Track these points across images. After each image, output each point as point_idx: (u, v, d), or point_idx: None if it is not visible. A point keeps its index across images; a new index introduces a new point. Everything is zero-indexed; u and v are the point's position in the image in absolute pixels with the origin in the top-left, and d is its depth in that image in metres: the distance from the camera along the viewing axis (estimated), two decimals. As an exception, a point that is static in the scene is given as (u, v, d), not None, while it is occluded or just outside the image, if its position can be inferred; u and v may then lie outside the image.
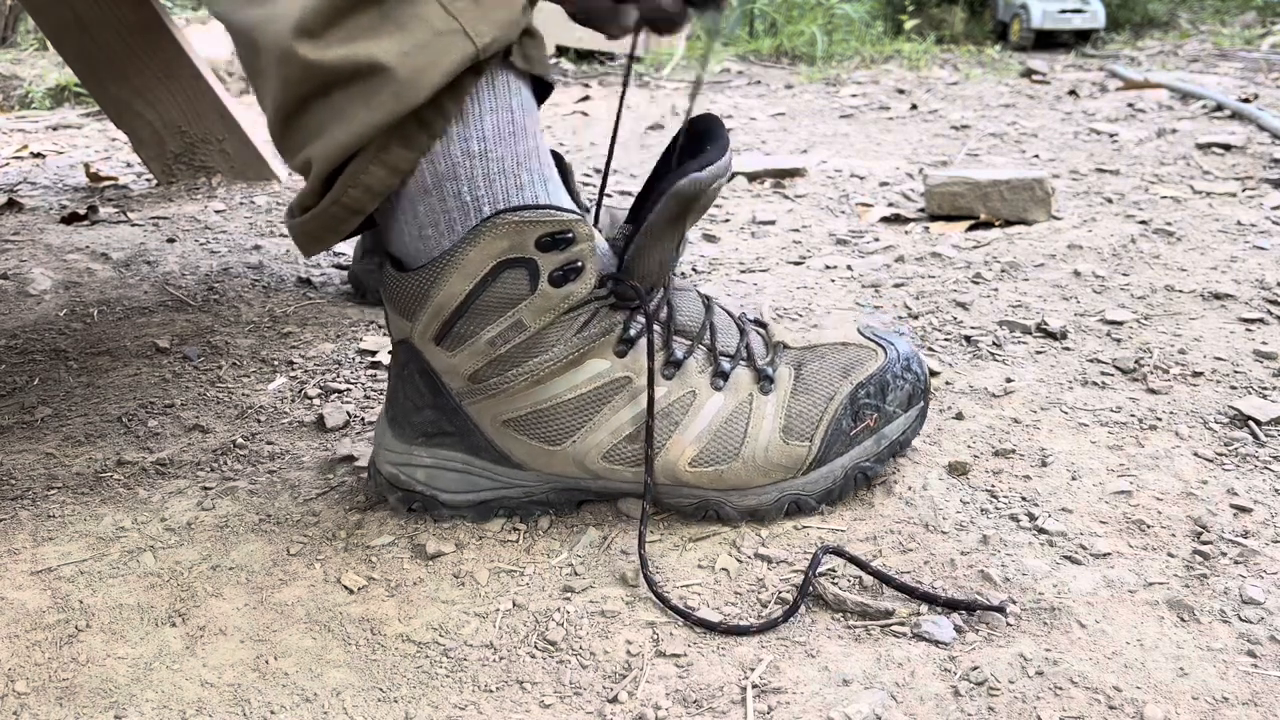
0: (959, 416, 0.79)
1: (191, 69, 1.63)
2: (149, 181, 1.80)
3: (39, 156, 2.15)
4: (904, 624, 0.55)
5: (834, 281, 1.16)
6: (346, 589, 0.60)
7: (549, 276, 0.60)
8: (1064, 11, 5.33)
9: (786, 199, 1.61)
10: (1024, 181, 1.38)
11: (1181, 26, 6.08)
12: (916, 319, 1.02)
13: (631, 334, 0.63)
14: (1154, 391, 0.83)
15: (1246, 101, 2.35)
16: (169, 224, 1.50)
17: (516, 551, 0.64)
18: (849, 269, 1.21)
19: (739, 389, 0.65)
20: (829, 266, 1.22)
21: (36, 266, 1.27)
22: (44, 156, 2.15)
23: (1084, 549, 0.61)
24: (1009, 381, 0.85)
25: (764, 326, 0.71)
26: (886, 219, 1.45)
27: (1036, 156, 1.88)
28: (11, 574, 0.62)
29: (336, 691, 0.52)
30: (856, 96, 3.02)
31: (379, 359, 0.96)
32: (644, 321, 0.63)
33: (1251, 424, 0.76)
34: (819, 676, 0.51)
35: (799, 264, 1.24)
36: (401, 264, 0.62)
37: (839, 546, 0.59)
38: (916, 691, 0.50)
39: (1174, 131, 2.06)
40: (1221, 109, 2.30)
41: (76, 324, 1.08)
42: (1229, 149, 1.83)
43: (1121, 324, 0.97)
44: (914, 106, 2.71)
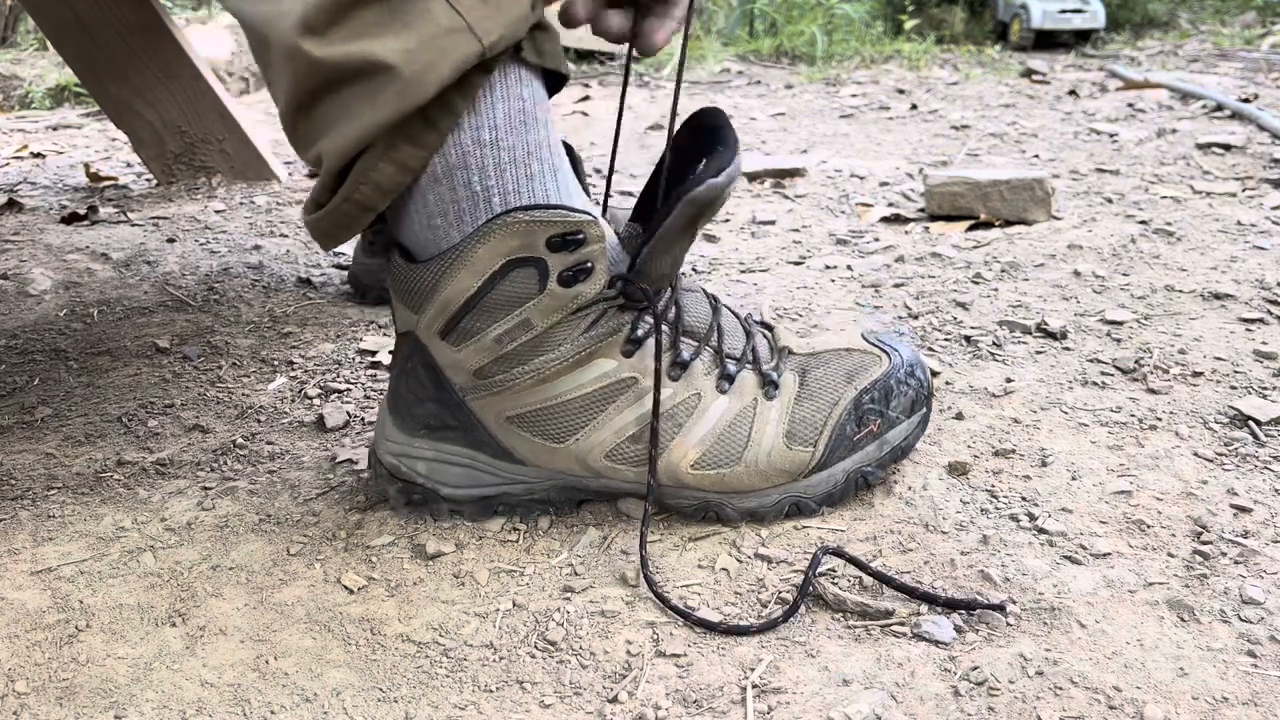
0: (959, 416, 0.79)
1: (191, 69, 1.63)
2: (149, 181, 1.80)
3: (39, 156, 2.15)
4: (904, 624, 0.55)
5: (834, 281, 1.16)
6: (346, 589, 0.60)
7: (558, 276, 0.60)
8: (1064, 11, 5.33)
9: (786, 199, 1.61)
10: (1024, 181, 1.38)
11: (1181, 26, 6.08)
12: (916, 319, 1.02)
13: (639, 334, 0.63)
14: (1154, 391, 0.83)
15: (1246, 101, 2.35)
16: (169, 224, 1.50)
17: (516, 551, 0.64)
18: (849, 269, 1.21)
19: (744, 393, 0.65)
20: (829, 266, 1.22)
21: (36, 266, 1.27)
22: (44, 156, 2.15)
23: (1084, 549, 0.61)
24: (1009, 381, 0.85)
25: (770, 329, 0.71)
26: (886, 219, 1.45)
27: (1036, 156, 1.88)
28: (11, 574, 0.62)
29: (336, 691, 0.52)
30: (856, 96, 3.02)
31: (379, 359, 0.96)
32: (652, 322, 0.63)
33: (1251, 424, 0.76)
34: (819, 676, 0.51)
35: (799, 264, 1.24)
36: (410, 254, 0.62)
37: (839, 547, 0.59)
38: (916, 691, 0.50)
39: (1174, 131, 2.06)
40: (1221, 109, 2.30)
41: (76, 324, 1.08)
42: (1229, 149, 1.83)
43: (1121, 324, 0.97)
44: (914, 106, 2.71)
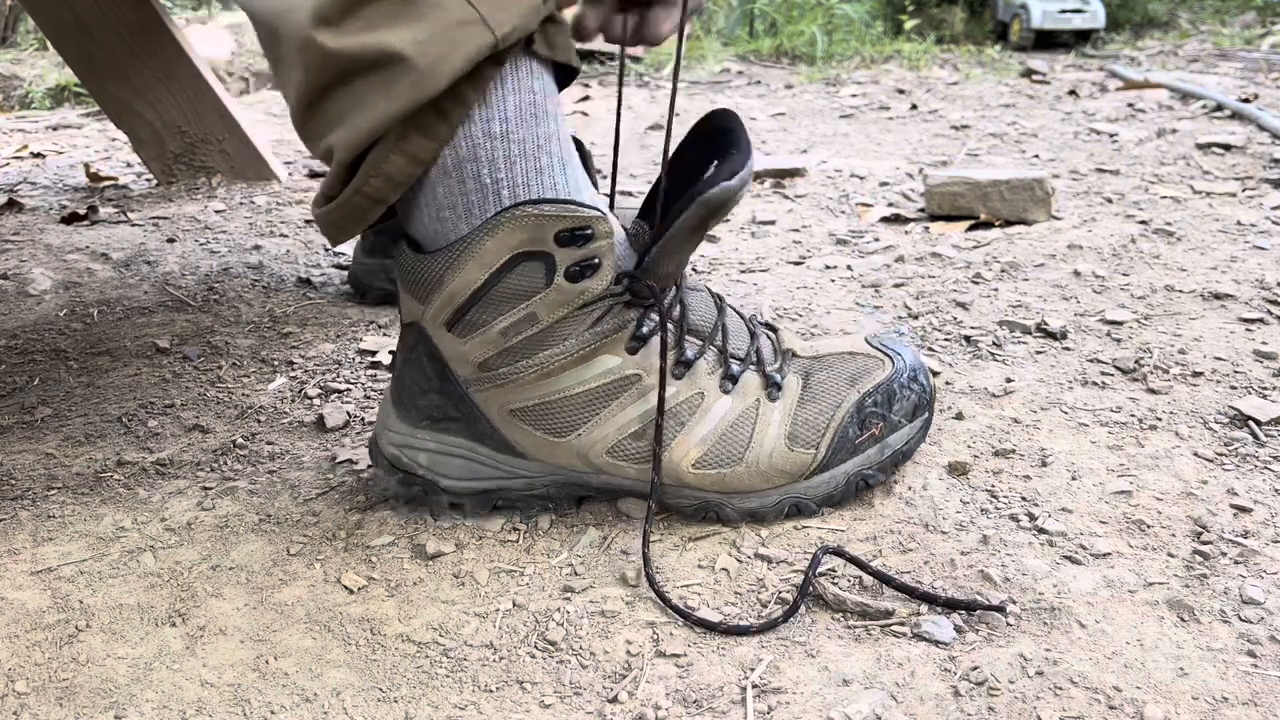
0: (959, 416, 0.79)
1: (191, 69, 1.63)
2: (149, 181, 1.80)
3: (39, 156, 2.15)
4: (904, 624, 0.55)
5: (834, 281, 1.16)
6: (346, 589, 0.60)
7: (565, 271, 0.60)
8: (1064, 11, 5.33)
9: (786, 199, 1.61)
10: (1024, 181, 1.38)
11: (1181, 26, 6.08)
12: (916, 319, 1.02)
13: (644, 331, 0.63)
14: (1154, 391, 0.83)
15: (1246, 101, 2.35)
16: (169, 224, 1.50)
17: (516, 551, 0.64)
18: (849, 269, 1.21)
19: (746, 393, 0.65)
20: (829, 266, 1.22)
21: (36, 266, 1.27)
22: (44, 156, 2.15)
23: (1084, 549, 0.61)
24: (1009, 381, 0.85)
25: (774, 330, 0.71)
26: (886, 219, 1.45)
27: (1036, 156, 1.88)
28: (11, 574, 0.62)
29: (336, 691, 0.52)
30: (856, 96, 3.02)
31: (379, 359, 0.96)
32: (657, 320, 0.63)
33: (1251, 424, 0.76)
34: (819, 676, 0.51)
35: (799, 264, 1.24)
36: (418, 245, 0.62)
37: (839, 547, 0.59)
38: (916, 691, 0.50)
39: (1174, 131, 2.05)
40: (1221, 109, 2.30)
41: (76, 324, 1.08)
42: (1229, 149, 1.83)
43: (1121, 324, 0.97)
44: (914, 106, 2.71)
